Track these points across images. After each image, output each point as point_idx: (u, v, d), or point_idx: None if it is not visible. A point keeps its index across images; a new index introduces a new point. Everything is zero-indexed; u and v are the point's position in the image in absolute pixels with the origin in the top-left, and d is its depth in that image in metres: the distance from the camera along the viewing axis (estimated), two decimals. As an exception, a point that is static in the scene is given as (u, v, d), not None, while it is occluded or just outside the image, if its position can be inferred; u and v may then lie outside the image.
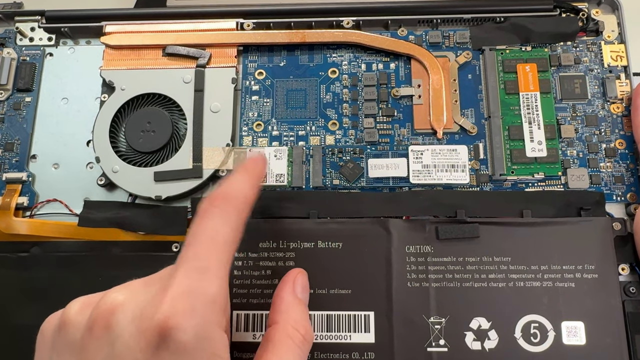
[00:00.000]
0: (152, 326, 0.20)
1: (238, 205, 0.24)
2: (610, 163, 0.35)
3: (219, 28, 0.38)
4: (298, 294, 0.27)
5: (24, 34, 0.40)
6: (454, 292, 0.31)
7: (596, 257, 0.31)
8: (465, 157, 0.34)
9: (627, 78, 0.36)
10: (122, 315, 0.21)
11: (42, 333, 0.23)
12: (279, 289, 0.27)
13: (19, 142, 0.37)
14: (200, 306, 0.21)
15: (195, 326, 0.20)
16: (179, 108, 0.36)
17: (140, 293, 0.22)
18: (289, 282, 0.27)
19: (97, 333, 0.21)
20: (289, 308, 0.26)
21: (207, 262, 0.22)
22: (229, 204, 0.24)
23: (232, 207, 0.24)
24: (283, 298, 0.26)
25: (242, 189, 0.25)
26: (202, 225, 0.23)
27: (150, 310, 0.20)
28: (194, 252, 0.22)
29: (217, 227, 0.23)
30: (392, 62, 0.37)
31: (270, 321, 0.26)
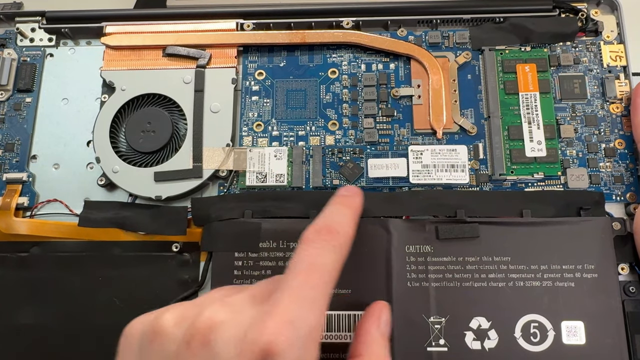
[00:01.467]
0: (256, 350, 0.20)
1: (343, 242, 0.25)
2: (610, 163, 0.35)
3: (219, 28, 0.38)
4: (382, 329, 0.27)
5: (24, 35, 0.40)
6: (454, 292, 0.31)
7: (596, 256, 0.31)
8: (465, 157, 0.34)
9: (627, 78, 0.36)
10: (222, 334, 0.21)
11: (127, 337, 0.23)
12: (364, 321, 0.27)
13: (20, 142, 0.37)
14: (303, 337, 0.21)
15: (297, 356, 0.20)
16: (179, 108, 0.36)
17: (241, 313, 0.22)
18: (374, 316, 0.27)
19: (195, 349, 0.21)
20: (373, 343, 0.26)
21: (315, 292, 0.22)
22: (336, 239, 0.24)
23: (337, 242, 0.24)
24: (368, 331, 0.26)
25: (347, 226, 0.26)
26: (310, 254, 0.23)
27: (254, 333, 0.20)
28: (303, 280, 0.22)
29: (325, 259, 0.23)
30: (392, 62, 0.38)
31: (354, 352, 0.26)
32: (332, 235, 0.24)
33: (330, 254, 0.24)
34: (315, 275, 0.22)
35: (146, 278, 0.34)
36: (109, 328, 0.33)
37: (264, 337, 0.20)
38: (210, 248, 0.33)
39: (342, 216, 0.26)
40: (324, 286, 0.23)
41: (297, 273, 0.22)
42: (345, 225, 0.26)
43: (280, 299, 0.21)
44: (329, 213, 0.27)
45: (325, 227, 0.25)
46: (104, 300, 0.33)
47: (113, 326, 0.33)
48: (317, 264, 0.23)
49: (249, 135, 0.37)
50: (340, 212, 0.27)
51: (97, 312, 0.33)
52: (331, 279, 0.23)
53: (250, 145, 0.36)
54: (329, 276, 0.23)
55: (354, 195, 0.29)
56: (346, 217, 0.26)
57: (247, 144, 0.36)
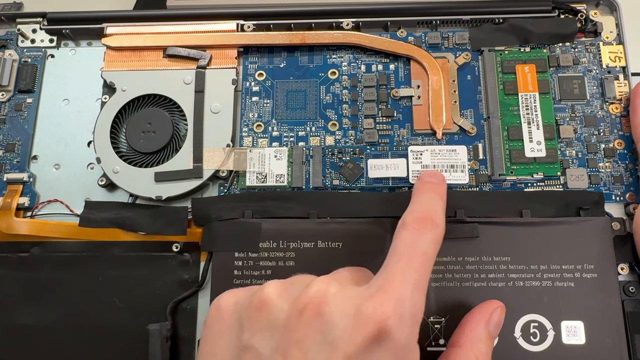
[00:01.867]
0: (371, 323, 0.20)
1: (441, 233, 0.25)
2: (609, 163, 0.35)
3: (219, 29, 0.38)
4: (490, 327, 0.26)
5: (25, 36, 0.40)
6: (454, 292, 0.31)
7: (595, 256, 0.31)
8: (464, 158, 0.34)
9: (626, 78, 0.36)
10: (335, 306, 0.21)
11: (220, 308, 0.24)
12: (472, 314, 0.27)
13: (20, 142, 0.37)
14: (412, 317, 0.21)
15: (406, 333, 0.21)
16: (179, 109, 0.37)
17: (351, 289, 0.22)
18: (486, 312, 0.27)
19: (308, 318, 0.21)
20: (477, 337, 0.26)
21: (421, 276, 0.23)
22: (435, 230, 0.25)
23: (437, 233, 0.25)
24: (473, 325, 0.26)
25: (443, 217, 0.26)
26: (412, 238, 0.24)
27: (370, 307, 0.21)
28: (409, 263, 0.23)
29: (427, 246, 0.24)
30: (392, 63, 0.38)
31: (453, 341, 0.26)
32: (433, 226, 0.25)
33: (431, 243, 0.24)
34: (418, 259, 0.23)
35: (146, 278, 0.34)
36: (109, 328, 0.33)
37: (379, 313, 0.20)
38: (211, 248, 0.33)
39: (436, 206, 0.26)
40: (426, 272, 0.23)
41: (402, 256, 0.23)
42: (442, 217, 0.26)
43: (389, 278, 0.22)
44: (426, 202, 0.27)
45: (426, 216, 0.25)
46: (104, 300, 0.33)
47: (113, 326, 0.33)
48: (419, 249, 0.23)
49: (249, 136, 0.37)
50: (435, 202, 0.27)
51: (98, 312, 0.33)
52: (430, 267, 0.24)
53: (250, 146, 0.36)
54: (430, 263, 0.24)
55: (441, 183, 0.29)
56: (440, 207, 0.27)
57: (248, 145, 0.36)
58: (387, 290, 0.21)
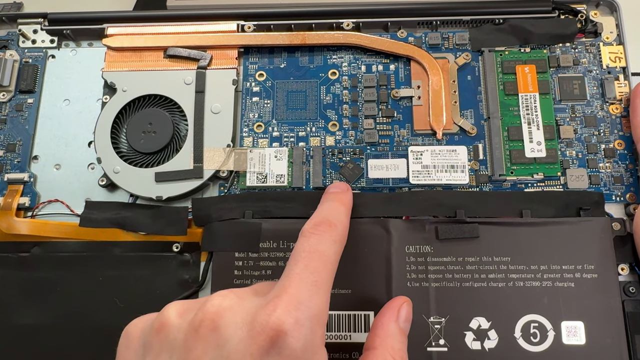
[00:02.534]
0: (265, 331, 0.20)
1: (341, 234, 0.26)
2: (610, 163, 0.35)
3: (219, 30, 0.38)
4: (400, 324, 0.27)
5: (26, 36, 0.40)
6: (454, 292, 0.31)
7: (596, 257, 0.31)
8: (464, 158, 0.34)
9: (626, 79, 0.36)
10: (230, 319, 0.21)
11: (128, 335, 0.24)
12: (381, 314, 0.27)
13: (21, 143, 0.38)
14: (310, 319, 0.21)
15: (305, 336, 0.21)
16: (180, 109, 0.37)
17: (247, 300, 0.22)
18: (393, 310, 0.27)
19: (204, 335, 0.21)
20: (389, 336, 0.26)
21: (319, 277, 0.23)
22: (334, 231, 0.25)
23: (336, 234, 0.25)
24: (384, 325, 0.26)
25: (344, 220, 0.27)
26: (310, 243, 0.24)
27: (263, 315, 0.21)
28: (305, 266, 0.23)
29: (325, 247, 0.24)
30: (392, 63, 0.38)
31: (368, 345, 0.26)
32: (330, 227, 0.25)
33: (330, 244, 0.24)
34: (316, 261, 0.23)
35: (147, 278, 0.34)
36: (109, 328, 0.33)
37: (273, 318, 0.20)
38: (211, 248, 0.33)
39: (337, 211, 0.27)
40: (326, 271, 0.23)
41: (298, 260, 0.23)
42: (341, 219, 0.27)
43: (286, 284, 0.22)
44: (325, 209, 0.28)
45: (323, 220, 0.25)
46: (104, 300, 0.33)
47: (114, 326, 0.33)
48: (317, 251, 0.24)
49: (250, 136, 0.37)
50: (335, 208, 0.28)
51: (98, 312, 0.33)
52: (332, 266, 0.24)
53: (250, 146, 0.36)
54: (330, 263, 0.24)
55: (344, 192, 0.30)
56: (341, 212, 0.27)
57: (248, 145, 0.36)
58: (281, 296, 0.21)
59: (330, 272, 0.24)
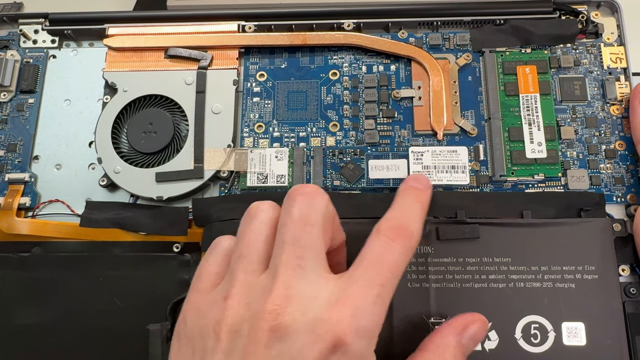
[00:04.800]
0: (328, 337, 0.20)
1: (414, 245, 0.24)
2: (610, 164, 0.35)
3: (220, 30, 0.38)
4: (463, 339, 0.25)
5: (27, 37, 0.40)
6: (454, 293, 0.31)
7: (596, 258, 0.31)
8: (465, 159, 0.34)
9: (627, 80, 0.36)
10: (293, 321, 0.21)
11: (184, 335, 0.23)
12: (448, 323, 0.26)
13: (22, 143, 0.38)
14: (371, 330, 0.21)
15: (363, 347, 0.21)
16: (180, 109, 0.37)
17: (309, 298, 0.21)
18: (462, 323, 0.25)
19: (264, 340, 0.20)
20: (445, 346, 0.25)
21: (385, 289, 0.22)
22: (409, 241, 0.24)
23: (410, 244, 0.24)
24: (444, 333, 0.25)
25: (420, 227, 0.25)
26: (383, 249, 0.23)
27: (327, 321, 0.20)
28: (375, 274, 0.22)
29: (397, 257, 0.23)
30: (393, 64, 0.38)
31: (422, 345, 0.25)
32: (407, 236, 0.24)
33: (402, 255, 0.24)
34: (386, 272, 0.23)
35: (147, 278, 0.34)
36: (109, 328, 0.33)
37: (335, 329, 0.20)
38: (211, 248, 0.33)
39: (415, 214, 0.26)
40: (391, 285, 0.23)
41: (369, 266, 0.23)
42: (418, 226, 0.25)
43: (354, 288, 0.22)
44: (405, 208, 0.26)
45: (401, 225, 0.24)
46: (104, 300, 0.33)
47: (114, 326, 0.33)
48: (388, 261, 0.23)
49: (250, 136, 0.37)
50: (414, 210, 0.26)
51: (98, 312, 0.33)
52: (397, 279, 0.23)
53: (251, 146, 0.36)
54: (397, 276, 0.23)
55: (425, 190, 0.28)
56: (419, 215, 0.26)
57: (248, 145, 0.36)
58: (346, 303, 0.21)
59: (395, 285, 0.23)
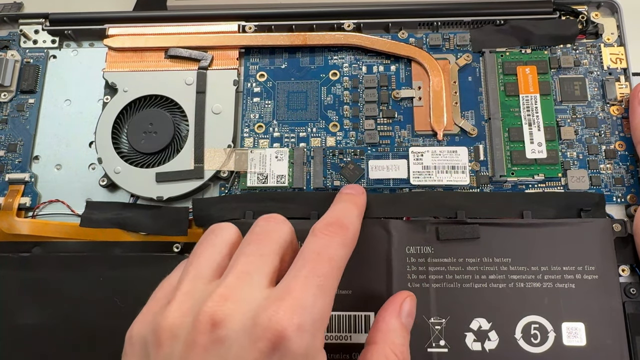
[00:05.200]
0: (267, 335, 0.20)
1: (352, 238, 0.25)
2: (610, 165, 0.35)
3: (220, 31, 0.38)
4: (402, 319, 0.26)
5: (27, 37, 0.40)
6: (455, 293, 0.31)
7: (596, 258, 0.31)
8: (465, 159, 0.34)
9: (627, 80, 0.36)
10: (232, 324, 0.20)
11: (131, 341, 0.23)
12: (383, 309, 0.26)
13: (22, 143, 0.38)
14: (313, 323, 0.21)
15: (307, 341, 0.20)
16: (180, 109, 0.37)
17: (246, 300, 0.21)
18: (395, 304, 0.26)
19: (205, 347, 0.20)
20: (390, 331, 0.25)
21: (326, 280, 0.22)
22: (345, 234, 0.25)
23: (347, 237, 0.25)
24: (385, 319, 0.26)
25: (356, 223, 0.26)
26: (319, 244, 0.24)
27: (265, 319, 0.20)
28: (313, 267, 0.22)
29: (334, 251, 0.24)
30: (393, 64, 0.38)
31: (369, 339, 0.25)
32: (342, 229, 0.25)
33: (339, 247, 0.24)
34: (324, 265, 0.23)
35: (147, 278, 0.33)
36: (110, 328, 0.33)
37: (273, 325, 0.20)
38: (211, 248, 0.33)
39: (350, 213, 0.27)
40: (332, 276, 0.23)
41: (307, 261, 0.23)
42: (354, 222, 0.26)
43: (291, 286, 0.21)
44: (339, 209, 0.27)
45: (336, 221, 0.25)
46: (105, 300, 0.33)
47: (114, 326, 0.33)
48: (326, 254, 0.23)
49: (250, 137, 0.37)
50: (349, 210, 0.27)
51: (98, 312, 0.33)
52: (338, 271, 0.23)
53: (251, 147, 0.36)
54: (337, 268, 0.23)
55: (359, 194, 0.30)
56: (353, 214, 0.27)
57: (249, 145, 0.36)
58: (284, 298, 0.21)
59: (336, 277, 0.23)
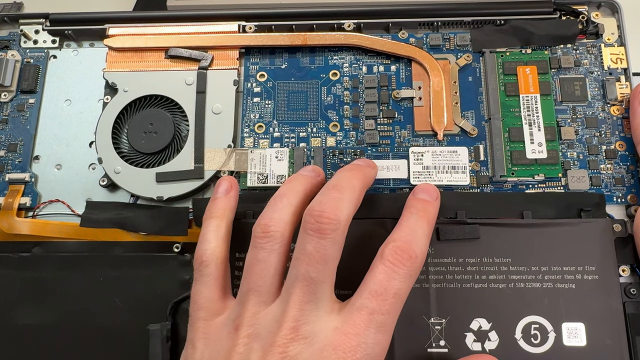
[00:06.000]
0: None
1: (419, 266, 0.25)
2: (611, 165, 0.35)
3: (221, 31, 0.38)
4: None
5: (28, 37, 0.40)
6: (455, 293, 0.31)
7: (597, 258, 0.31)
8: (465, 159, 0.34)
9: (627, 80, 0.36)
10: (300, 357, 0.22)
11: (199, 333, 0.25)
12: None
13: (22, 143, 0.38)
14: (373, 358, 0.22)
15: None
16: (181, 109, 0.37)
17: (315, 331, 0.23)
18: None
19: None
20: None
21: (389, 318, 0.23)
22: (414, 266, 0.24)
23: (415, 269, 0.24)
24: None
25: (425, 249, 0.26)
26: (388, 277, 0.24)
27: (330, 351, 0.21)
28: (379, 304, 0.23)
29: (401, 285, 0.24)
30: (393, 64, 0.38)
31: None
32: (412, 261, 0.24)
33: (405, 280, 0.24)
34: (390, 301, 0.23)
35: (147, 278, 0.34)
36: (110, 328, 0.33)
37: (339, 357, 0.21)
38: (211, 248, 0.33)
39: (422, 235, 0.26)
40: (395, 312, 0.23)
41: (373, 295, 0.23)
42: (423, 247, 0.25)
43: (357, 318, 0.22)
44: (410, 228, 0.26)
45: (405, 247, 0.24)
46: (105, 300, 0.33)
47: (114, 326, 0.33)
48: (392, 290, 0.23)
49: (251, 137, 0.37)
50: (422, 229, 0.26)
51: (98, 312, 0.33)
52: (401, 304, 0.24)
53: (251, 147, 0.36)
54: (400, 302, 0.24)
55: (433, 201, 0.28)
56: (424, 233, 0.26)
57: (249, 145, 0.36)
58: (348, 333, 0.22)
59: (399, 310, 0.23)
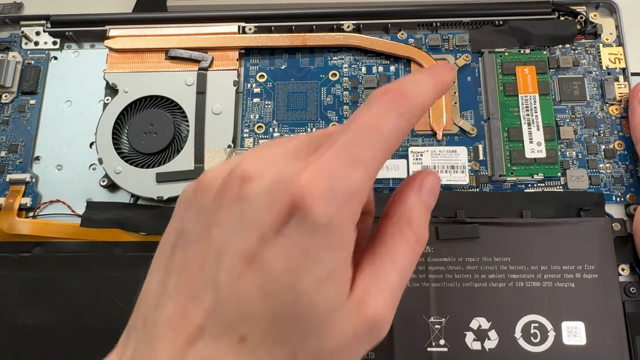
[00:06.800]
0: (285, 200, 0.18)
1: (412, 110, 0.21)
2: (610, 164, 0.35)
3: (221, 32, 0.38)
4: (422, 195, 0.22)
5: (29, 38, 0.40)
6: (454, 292, 0.31)
7: (596, 257, 0.31)
8: (464, 158, 0.35)
9: (626, 80, 0.36)
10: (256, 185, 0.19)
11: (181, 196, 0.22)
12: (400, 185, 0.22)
13: (23, 143, 0.38)
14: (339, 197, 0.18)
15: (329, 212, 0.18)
16: (181, 110, 0.37)
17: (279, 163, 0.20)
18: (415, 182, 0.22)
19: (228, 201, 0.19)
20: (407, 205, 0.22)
21: (362, 152, 0.19)
22: (404, 103, 0.20)
23: (405, 107, 0.20)
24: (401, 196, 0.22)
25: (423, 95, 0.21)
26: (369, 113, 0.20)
27: (287, 183, 0.18)
28: (353, 137, 0.19)
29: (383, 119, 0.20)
30: (392, 64, 0.38)
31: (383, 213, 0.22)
32: (402, 98, 0.20)
33: (393, 118, 0.20)
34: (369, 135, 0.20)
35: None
36: (110, 328, 0.33)
37: (297, 187, 0.18)
38: (211, 248, 0.33)
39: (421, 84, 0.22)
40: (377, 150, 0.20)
41: (349, 129, 0.20)
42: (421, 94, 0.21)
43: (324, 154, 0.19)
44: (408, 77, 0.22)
45: (397, 89, 0.21)
46: (105, 300, 0.33)
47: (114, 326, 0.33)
48: (373, 124, 0.20)
49: (250, 137, 0.37)
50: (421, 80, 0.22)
51: (99, 312, 0.33)
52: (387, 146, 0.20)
53: (251, 147, 0.36)
54: (385, 142, 0.20)
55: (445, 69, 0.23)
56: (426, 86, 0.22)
57: (249, 146, 0.37)
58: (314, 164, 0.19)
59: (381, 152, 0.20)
